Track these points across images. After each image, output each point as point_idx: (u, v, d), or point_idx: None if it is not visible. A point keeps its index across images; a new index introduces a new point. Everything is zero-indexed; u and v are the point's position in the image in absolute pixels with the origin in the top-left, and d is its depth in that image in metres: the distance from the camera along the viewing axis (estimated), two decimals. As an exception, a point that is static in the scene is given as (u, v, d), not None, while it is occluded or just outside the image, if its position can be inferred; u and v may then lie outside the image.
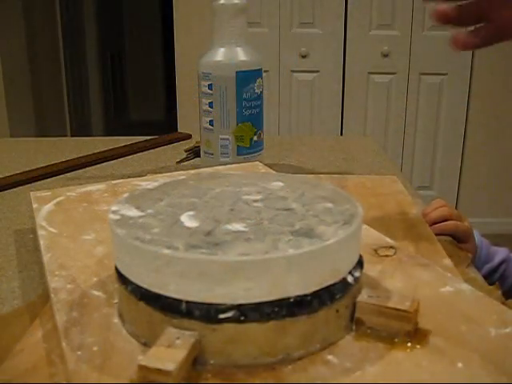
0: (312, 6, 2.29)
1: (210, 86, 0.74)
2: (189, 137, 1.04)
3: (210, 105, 0.75)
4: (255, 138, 0.77)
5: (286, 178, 0.46)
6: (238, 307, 0.31)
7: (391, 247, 0.45)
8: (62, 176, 0.79)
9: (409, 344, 0.33)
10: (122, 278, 0.35)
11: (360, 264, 0.36)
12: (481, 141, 2.34)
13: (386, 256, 0.44)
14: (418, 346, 0.33)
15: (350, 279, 0.34)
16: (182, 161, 0.87)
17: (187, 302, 0.31)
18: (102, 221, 0.52)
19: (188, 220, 0.37)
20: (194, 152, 0.89)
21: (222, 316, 0.31)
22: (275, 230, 0.35)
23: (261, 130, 0.78)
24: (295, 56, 2.31)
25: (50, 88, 2.99)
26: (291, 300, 0.32)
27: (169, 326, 0.32)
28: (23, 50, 2.67)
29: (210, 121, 0.76)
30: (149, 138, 1.01)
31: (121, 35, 4.37)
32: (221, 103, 0.74)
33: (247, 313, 0.31)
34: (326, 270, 0.32)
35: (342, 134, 2.36)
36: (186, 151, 0.91)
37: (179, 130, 1.16)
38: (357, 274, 0.35)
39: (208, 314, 0.31)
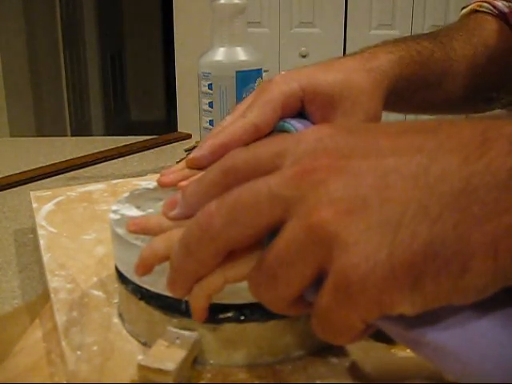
0: (312, 5, 2.29)
1: (209, 86, 0.74)
2: (189, 137, 1.04)
3: (210, 105, 0.75)
4: (255, 137, 0.77)
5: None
6: (238, 307, 0.31)
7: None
8: (61, 176, 0.79)
9: (409, 344, 0.33)
10: (122, 278, 0.35)
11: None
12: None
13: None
14: (418, 346, 0.33)
15: (350, 279, 0.34)
16: (181, 161, 0.87)
17: (187, 302, 0.31)
18: (102, 221, 0.52)
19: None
20: (194, 152, 0.89)
21: (221, 316, 0.31)
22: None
23: (261, 129, 0.78)
24: (295, 56, 2.31)
25: (50, 88, 2.99)
26: (291, 300, 0.32)
27: (169, 325, 0.32)
28: (23, 49, 2.67)
29: (210, 121, 0.76)
30: (149, 137, 1.01)
31: (121, 35, 4.37)
32: (221, 103, 0.74)
33: (247, 313, 0.31)
34: (326, 270, 0.32)
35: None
36: (186, 151, 0.91)
37: (179, 130, 1.16)
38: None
39: (208, 313, 0.31)
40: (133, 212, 0.37)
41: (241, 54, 0.74)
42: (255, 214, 0.26)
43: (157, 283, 0.32)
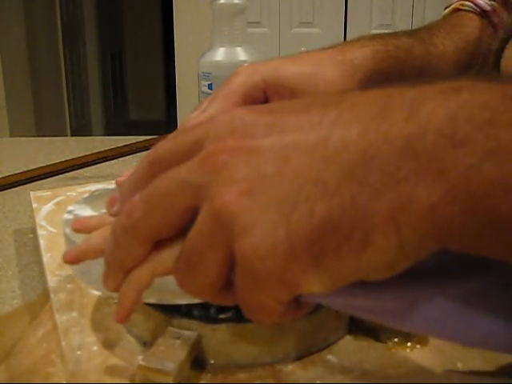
0: (312, 5, 2.29)
1: (209, 86, 0.74)
2: (189, 137, 1.03)
3: (210, 105, 0.75)
4: (255, 137, 0.77)
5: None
6: (238, 307, 0.31)
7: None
8: (61, 176, 0.79)
9: (409, 344, 0.33)
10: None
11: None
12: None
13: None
14: (418, 346, 0.33)
15: (349, 279, 0.34)
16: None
17: (187, 302, 0.31)
18: (102, 221, 0.52)
19: None
20: (194, 152, 0.89)
21: (221, 316, 0.31)
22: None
23: (261, 129, 0.78)
24: (295, 56, 2.31)
25: (49, 88, 2.99)
26: (291, 300, 0.32)
27: (169, 325, 0.32)
28: (23, 49, 2.67)
29: (210, 121, 0.76)
30: (149, 137, 1.01)
31: (121, 35, 4.37)
32: (221, 103, 0.74)
33: (247, 313, 0.31)
34: (325, 270, 0.32)
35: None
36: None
37: (179, 130, 1.15)
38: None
39: (208, 313, 0.31)
40: (87, 212, 0.37)
41: (241, 54, 0.74)
42: (169, 202, 0.26)
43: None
